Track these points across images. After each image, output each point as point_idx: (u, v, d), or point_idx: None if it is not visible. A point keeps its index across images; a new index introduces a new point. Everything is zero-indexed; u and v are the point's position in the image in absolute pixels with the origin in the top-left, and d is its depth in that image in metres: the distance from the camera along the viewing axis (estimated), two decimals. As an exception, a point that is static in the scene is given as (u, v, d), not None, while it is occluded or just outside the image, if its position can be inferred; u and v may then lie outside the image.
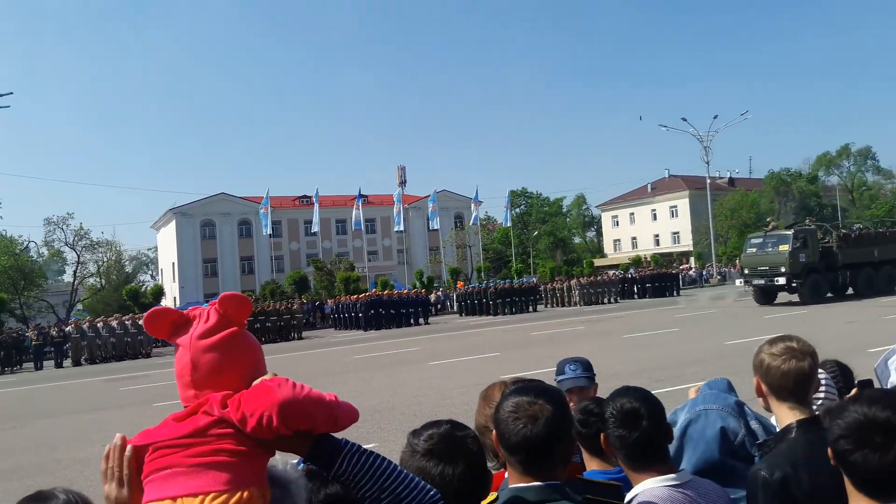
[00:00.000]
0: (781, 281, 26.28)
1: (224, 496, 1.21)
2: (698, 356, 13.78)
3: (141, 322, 30.29)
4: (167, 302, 54.62)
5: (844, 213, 74.11)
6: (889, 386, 2.66)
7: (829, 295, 27.53)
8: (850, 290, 28.32)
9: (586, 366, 3.10)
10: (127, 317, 31.08)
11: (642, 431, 1.85)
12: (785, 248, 26.49)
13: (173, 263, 64.70)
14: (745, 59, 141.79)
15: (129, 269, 71.66)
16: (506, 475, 1.97)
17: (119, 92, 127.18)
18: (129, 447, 1.29)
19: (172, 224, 64.19)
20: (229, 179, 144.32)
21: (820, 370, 2.53)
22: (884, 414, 1.47)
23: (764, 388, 2.08)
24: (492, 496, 1.65)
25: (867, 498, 1.50)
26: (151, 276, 79.77)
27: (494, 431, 1.64)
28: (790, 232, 27.37)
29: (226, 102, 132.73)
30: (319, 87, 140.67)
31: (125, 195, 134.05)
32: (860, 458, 1.46)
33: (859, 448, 1.46)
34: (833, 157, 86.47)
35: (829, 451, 1.55)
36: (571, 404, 2.58)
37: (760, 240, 28.29)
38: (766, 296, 27.33)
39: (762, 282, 27.04)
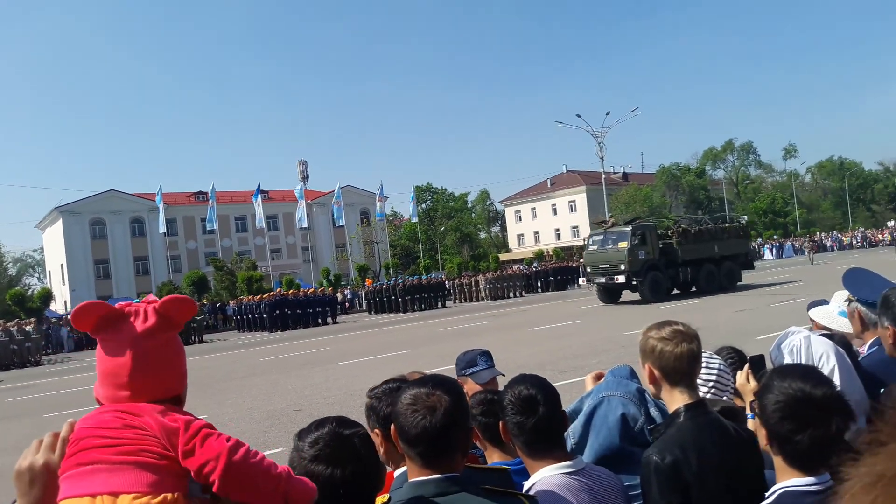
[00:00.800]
0: (621, 279, 25.34)
1: (146, 498, 1.17)
2: (600, 347, 14.37)
3: (29, 328, 28.40)
4: (57, 307, 51.23)
5: (731, 206, 79.08)
6: None
7: (675, 292, 27.00)
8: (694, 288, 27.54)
9: (489, 356, 3.19)
10: (12, 323, 28.89)
11: (539, 418, 1.89)
12: (624, 245, 25.47)
13: (62, 265, 60.66)
14: (633, 60, 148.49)
15: (12, 271, 66.69)
16: (395, 474, 2.00)
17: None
18: (69, 423, 1.26)
19: (59, 223, 60.13)
20: (119, 176, 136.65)
21: (715, 356, 2.70)
22: (819, 390, 1.54)
23: (657, 373, 2.06)
24: (383, 497, 1.65)
25: (799, 472, 1.57)
26: (38, 278, 74.58)
27: (393, 426, 1.63)
28: (629, 228, 26.31)
29: (115, 95, 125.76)
30: (214, 81, 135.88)
31: (7, 192, 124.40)
32: (806, 437, 1.51)
33: (803, 427, 1.50)
34: (718, 151, 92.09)
35: (765, 432, 1.60)
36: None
37: (601, 237, 27.15)
38: (609, 294, 26.43)
39: (603, 280, 26.17)
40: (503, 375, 3.07)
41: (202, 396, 12.50)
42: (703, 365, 2.32)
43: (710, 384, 2.54)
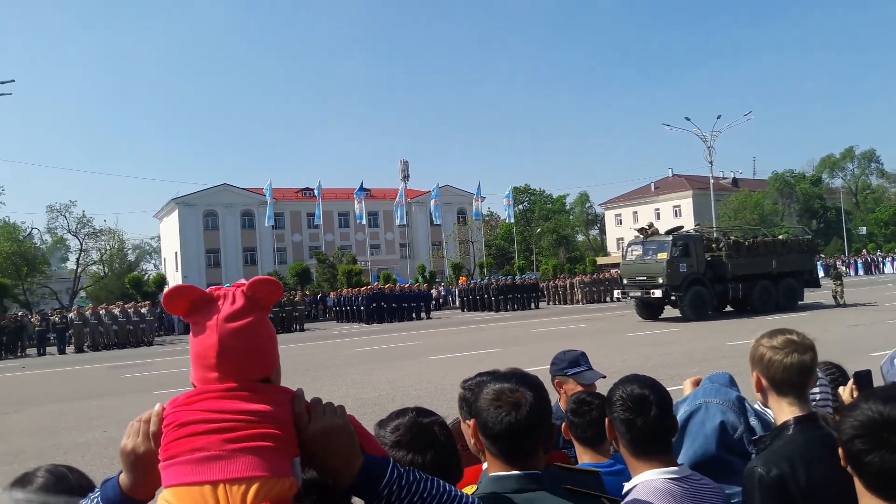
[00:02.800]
0: (658, 293, 23.28)
1: (270, 483, 1.16)
2: (701, 356, 13.81)
3: (144, 310, 30.50)
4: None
5: (849, 216, 74.01)
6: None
7: (728, 309, 25.08)
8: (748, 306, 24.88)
9: (588, 358, 3.14)
10: (129, 305, 31.08)
11: (650, 418, 1.83)
12: (663, 256, 23.34)
13: (176, 253, 64.78)
14: (748, 61, 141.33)
15: (131, 257, 71.87)
16: (484, 467, 1.97)
17: (123, 81, 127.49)
18: (159, 406, 1.26)
19: (175, 214, 64.23)
20: (232, 170, 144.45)
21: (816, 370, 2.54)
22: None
23: (764, 382, 2.03)
24: (471, 487, 1.63)
25: (880, 499, 1.46)
26: (154, 265, 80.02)
27: (473, 421, 1.61)
28: (669, 238, 24.05)
29: (230, 94, 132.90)
30: (323, 80, 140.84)
31: (129, 184, 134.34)
32: (877, 458, 1.41)
33: (876, 449, 1.41)
34: (837, 159, 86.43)
35: (841, 451, 1.51)
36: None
37: (640, 246, 24.95)
38: (647, 309, 24.32)
39: (639, 293, 24.21)
40: (605, 378, 3.00)
41: (299, 382, 12.81)
42: None
43: (814, 402, 2.39)
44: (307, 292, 40.76)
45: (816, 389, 2.42)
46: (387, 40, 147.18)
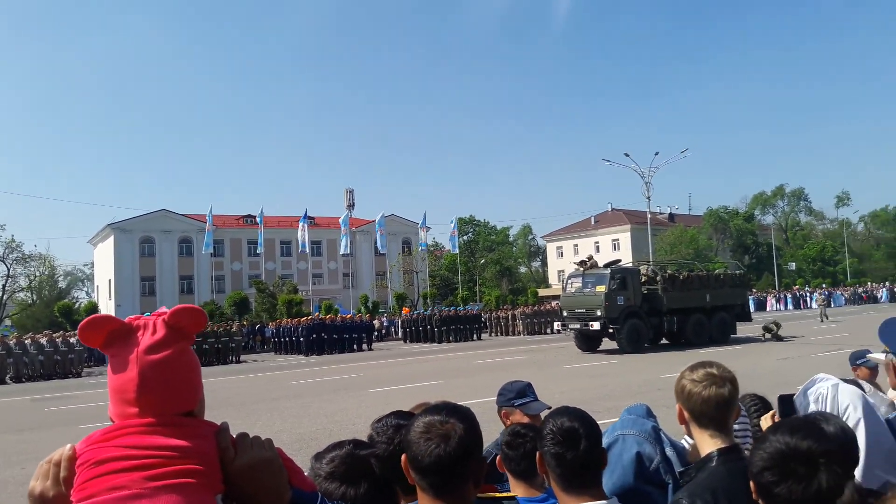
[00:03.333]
0: (597, 326, 23.46)
1: None
2: (636, 389, 14.08)
3: (73, 339, 29.17)
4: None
5: (779, 252, 77.32)
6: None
7: (664, 342, 25.44)
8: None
9: (534, 389, 3.17)
10: (58, 334, 29.75)
11: (580, 452, 1.83)
12: (602, 289, 23.73)
13: (110, 280, 62.49)
14: (685, 101, 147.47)
15: (62, 284, 69.03)
16: None
17: (59, 101, 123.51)
18: (69, 447, 1.20)
19: (111, 240, 62.12)
20: (172, 196, 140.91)
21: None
22: (805, 443, 1.46)
23: (686, 414, 2.06)
24: None
25: None
26: (87, 292, 76.93)
27: (405, 455, 1.58)
28: (607, 271, 24.41)
29: (170, 117, 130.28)
30: (267, 105, 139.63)
31: (62, 208, 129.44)
32: (785, 490, 1.44)
33: (783, 480, 1.44)
34: (768, 196, 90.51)
35: (752, 484, 1.53)
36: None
37: (580, 278, 25.31)
38: (586, 341, 24.70)
39: (578, 325, 24.42)
40: (550, 408, 3.03)
41: (234, 416, 12.61)
42: None
43: (737, 433, 2.48)
44: (245, 322, 39.83)
45: (737, 424, 2.51)
46: (331, 68, 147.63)
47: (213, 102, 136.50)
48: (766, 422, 2.27)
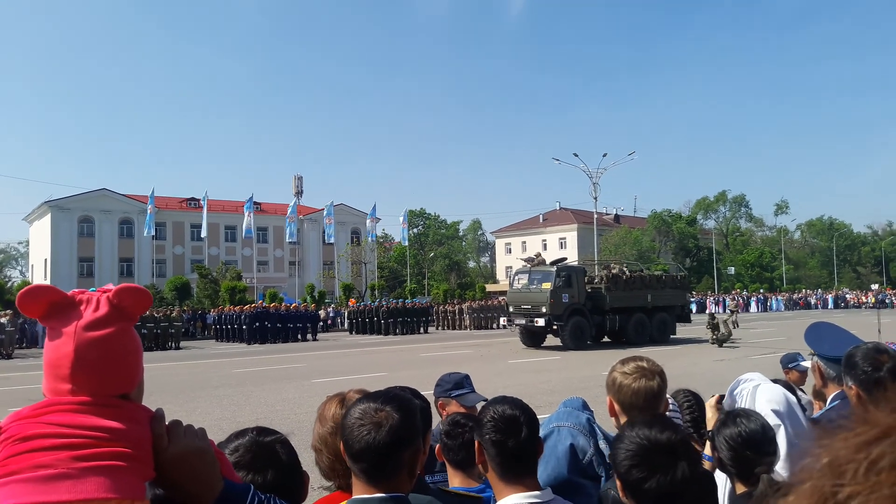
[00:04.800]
0: (541, 322, 23.78)
1: None
2: (579, 384, 14.37)
3: (4, 319, 27.98)
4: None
5: (719, 256, 79.77)
6: None
7: (605, 340, 25.78)
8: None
9: (471, 381, 3.22)
10: (-13, 313, 28.47)
11: (520, 440, 1.85)
12: (547, 286, 24.01)
13: (46, 260, 60.07)
14: (634, 104, 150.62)
15: (-7, 262, 65.93)
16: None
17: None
18: None
19: (47, 218, 59.69)
20: (113, 175, 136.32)
21: (669, 397, 2.74)
22: (664, 435, 1.57)
23: (616, 406, 2.14)
24: None
25: None
26: (21, 271, 73.84)
27: (341, 441, 1.60)
28: (553, 269, 24.63)
29: (114, 93, 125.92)
30: (214, 86, 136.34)
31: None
32: (654, 484, 1.52)
33: (651, 474, 1.52)
34: (711, 202, 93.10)
35: (619, 483, 1.60)
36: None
37: (526, 275, 25.60)
38: (531, 337, 25.00)
39: (523, 321, 24.75)
40: (486, 401, 3.08)
41: (172, 403, 12.33)
42: None
43: None
44: (185, 308, 38.92)
45: (668, 415, 2.61)
46: (281, 48, 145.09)
47: (160, 81, 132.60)
48: (710, 409, 2.37)
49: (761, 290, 69.51)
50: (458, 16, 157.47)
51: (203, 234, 51.54)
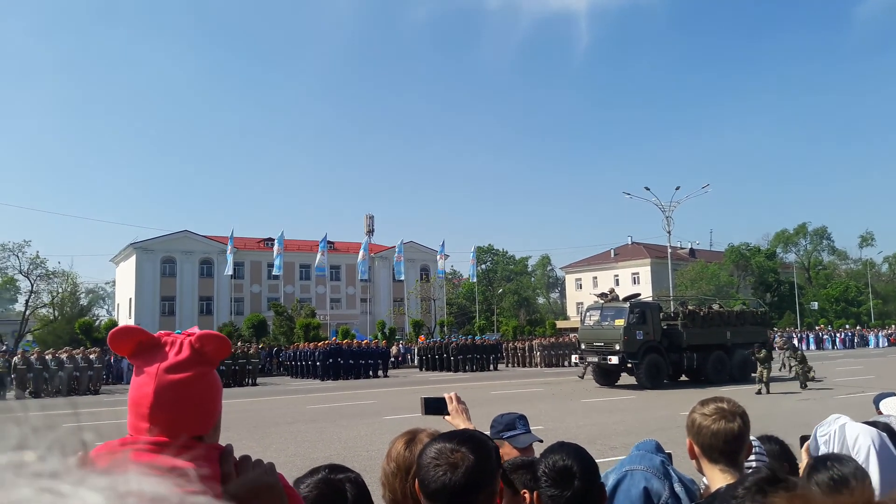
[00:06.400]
0: (615, 360, 23.12)
1: None
2: (655, 425, 13.86)
3: (92, 356, 29.46)
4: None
5: (801, 291, 76.21)
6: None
7: (683, 379, 24.97)
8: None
9: (527, 421, 3.16)
10: (78, 350, 30.06)
11: (575, 491, 1.83)
12: (621, 322, 23.44)
13: (130, 299, 63.19)
14: (708, 136, 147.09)
15: (84, 301, 69.68)
16: None
17: (85, 121, 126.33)
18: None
19: (133, 259, 62.96)
20: (194, 217, 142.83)
21: (755, 440, 2.63)
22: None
23: (696, 449, 2.08)
24: None
25: None
26: (107, 310, 77.80)
27: (417, 479, 1.61)
28: (626, 305, 24.14)
29: (195, 140, 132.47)
30: (289, 130, 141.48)
31: (86, 226, 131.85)
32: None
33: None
34: (791, 234, 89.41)
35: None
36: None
37: (598, 311, 25.05)
38: (605, 376, 24.33)
39: (596, 359, 24.10)
40: (541, 441, 3.02)
41: (248, 439, 12.63)
42: None
43: (749, 469, 2.48)
44: (262, 345, 39.98)
45: (753, 458, 2.50)
46: (355, 94, 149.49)
47: (238, 127, 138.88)
48: (804, 452, 2.34)
49: (847, 326, 65.87)
50: (526, 51, 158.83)
51: (278, 272, 53.11)
